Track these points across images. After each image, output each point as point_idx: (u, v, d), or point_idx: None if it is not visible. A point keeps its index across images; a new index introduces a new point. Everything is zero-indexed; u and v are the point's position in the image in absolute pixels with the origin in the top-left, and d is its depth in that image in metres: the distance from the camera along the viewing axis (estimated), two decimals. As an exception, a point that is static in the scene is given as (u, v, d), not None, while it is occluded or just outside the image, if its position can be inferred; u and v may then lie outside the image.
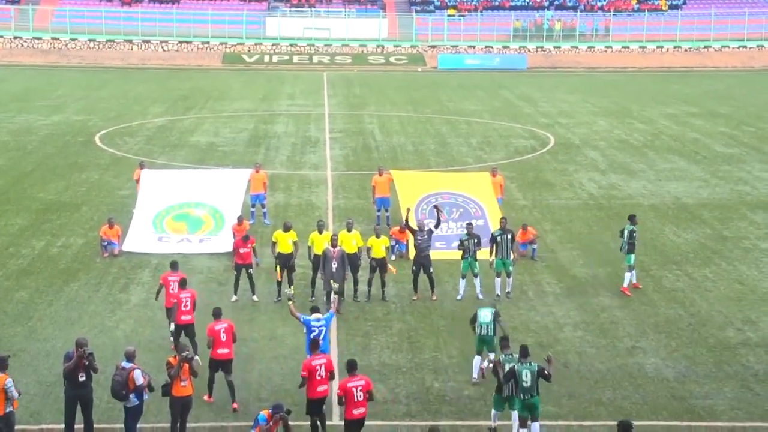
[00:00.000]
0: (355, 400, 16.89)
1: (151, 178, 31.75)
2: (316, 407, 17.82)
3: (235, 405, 19.21)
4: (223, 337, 19.32)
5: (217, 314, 19.68)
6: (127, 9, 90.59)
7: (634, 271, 26.31)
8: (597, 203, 36.13)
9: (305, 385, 17.75)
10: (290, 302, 21.01)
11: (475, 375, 20.47)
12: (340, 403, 17.04)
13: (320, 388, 17.76)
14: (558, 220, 33.65)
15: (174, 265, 22.82)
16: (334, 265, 24.01)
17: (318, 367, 17.70)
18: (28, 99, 61.68)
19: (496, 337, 20.03)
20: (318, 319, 19.76)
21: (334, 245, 24.35)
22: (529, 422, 17.51)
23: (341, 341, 22.66)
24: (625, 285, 26.13)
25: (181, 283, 21.53)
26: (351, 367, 17.23)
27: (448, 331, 23.38)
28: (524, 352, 17.66)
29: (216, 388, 19.60)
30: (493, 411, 18.54)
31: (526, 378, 17.38)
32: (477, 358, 20.48)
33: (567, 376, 20.47)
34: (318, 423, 17.97)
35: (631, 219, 26.66)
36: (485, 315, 20.37)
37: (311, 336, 19.30)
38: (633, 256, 26.08)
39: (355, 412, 16.93)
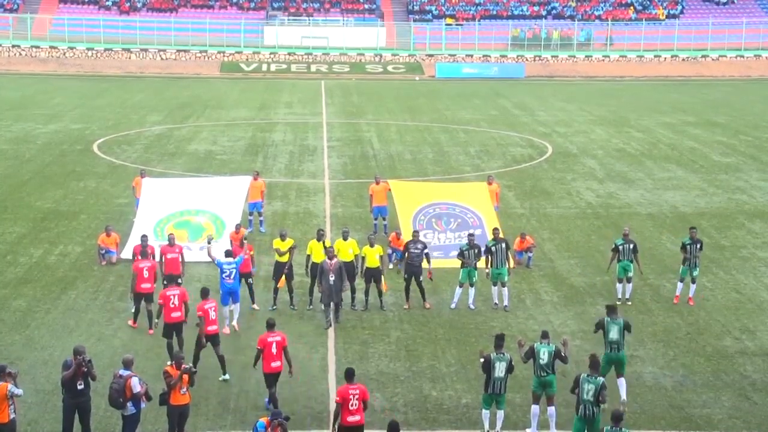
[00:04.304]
0: None
1: (152, 186, 31.73)
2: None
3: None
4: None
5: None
6: (125, 18, 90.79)
7: (682, 284, 26.29)
8: (595, 212, 36.17)
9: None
10: (209, 245, 24.67)
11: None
12: None
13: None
14: (556, 228, 33.67)
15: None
16: (332, 278, 23.77)
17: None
18: (26, 107, 61.74)
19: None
20: (229, 263, 23.60)
21: (330, 257, 24.15)
22: (547, 406, 18.72)
23: (339, 349, 22.66)
24: (690, 294, 26.20)
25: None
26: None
27: (446, 340, 23.39)
28: (544, 335, 19.17)
29: (212, 395, 19.58)
30: (482, 410, 18.77)
31: (543, 356, 18.73)
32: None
33: (565, 386, 20.43)
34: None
35: (691, 231, 26.57)
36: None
37: (223, 276, 23.40)
38: (682, 268, 26.20)
39: None
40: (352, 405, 17.01)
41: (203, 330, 20.59)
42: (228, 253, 24.25)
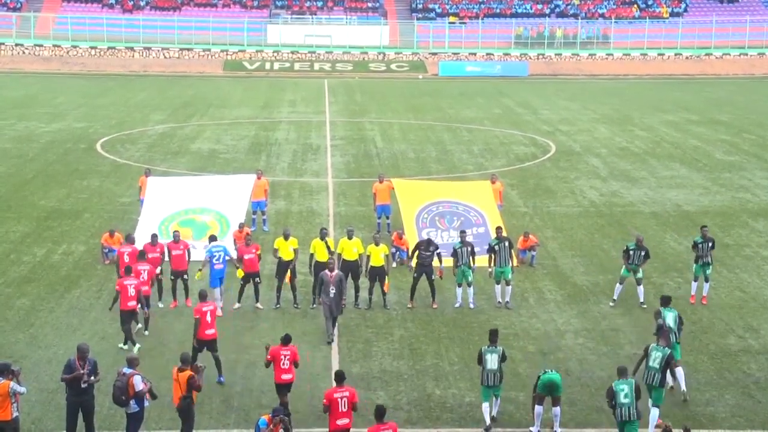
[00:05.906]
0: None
1: (157, 184, 31.71)
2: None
3: None
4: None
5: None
6: (129, 16, 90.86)
7: (703, 284, 26.16)
8: (598, 210, 36.14)
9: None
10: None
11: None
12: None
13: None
14: (559, 227, 33.66)
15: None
16: (332, 291, 23.16)
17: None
18: (29, 106, 61.79)
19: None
20: (216, 246, 24.97)
21: (331, 270, 23.60)
22: (552, 407, 18.76)
23: (342, 348, 22.68)
24: (704, 293, 26.15)
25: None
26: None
27: (450, 338, 23.39)
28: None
29: (216, 393, 19.63)
30: (483, 404, 18.91)
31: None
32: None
33: (568, 384, 20.44)
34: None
35: (702, 230, 26.45)
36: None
37: (213, 261, 24.51)
38: (695, 266, 26.06)
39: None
40: (283, 364, 18.63)
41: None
42: (212, 238, 25.77)
